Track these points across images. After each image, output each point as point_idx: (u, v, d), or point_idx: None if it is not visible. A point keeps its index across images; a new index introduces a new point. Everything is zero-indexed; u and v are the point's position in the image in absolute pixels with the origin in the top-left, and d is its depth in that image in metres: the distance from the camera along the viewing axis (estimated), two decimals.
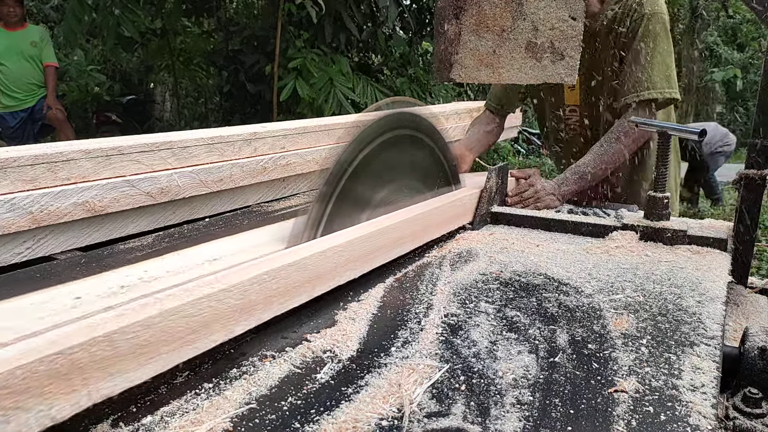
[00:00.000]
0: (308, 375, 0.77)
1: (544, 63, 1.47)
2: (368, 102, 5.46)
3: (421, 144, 1.36)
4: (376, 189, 1.25)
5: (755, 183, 1.35)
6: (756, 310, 1.35)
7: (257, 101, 6.45)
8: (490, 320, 0.95)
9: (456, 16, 1.53)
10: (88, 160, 1.37)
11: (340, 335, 0.88)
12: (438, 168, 1.45)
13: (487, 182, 1.54)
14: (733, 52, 17.38)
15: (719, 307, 1.00)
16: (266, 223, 1.64)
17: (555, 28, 1.44)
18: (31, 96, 5.50)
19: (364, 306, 1.00)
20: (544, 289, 1.09)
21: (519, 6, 1.46)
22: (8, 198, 1.22)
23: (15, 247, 1.28)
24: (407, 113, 1.29)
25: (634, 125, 1.54)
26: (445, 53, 1.57)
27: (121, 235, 1.49)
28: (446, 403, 0.71)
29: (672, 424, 0.66)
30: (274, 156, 1.88)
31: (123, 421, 0.67)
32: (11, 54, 5.29)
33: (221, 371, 0.78)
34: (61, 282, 0.88)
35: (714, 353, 0.83)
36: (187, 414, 0.68)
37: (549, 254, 1.31)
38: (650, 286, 1.11)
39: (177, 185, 1.57)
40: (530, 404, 0.71)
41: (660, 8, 1.75)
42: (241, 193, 1.83)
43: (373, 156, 1.18)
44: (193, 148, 1.62)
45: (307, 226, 1.08)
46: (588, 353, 0.84)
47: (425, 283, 1.12)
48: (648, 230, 1.39)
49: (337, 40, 5.77)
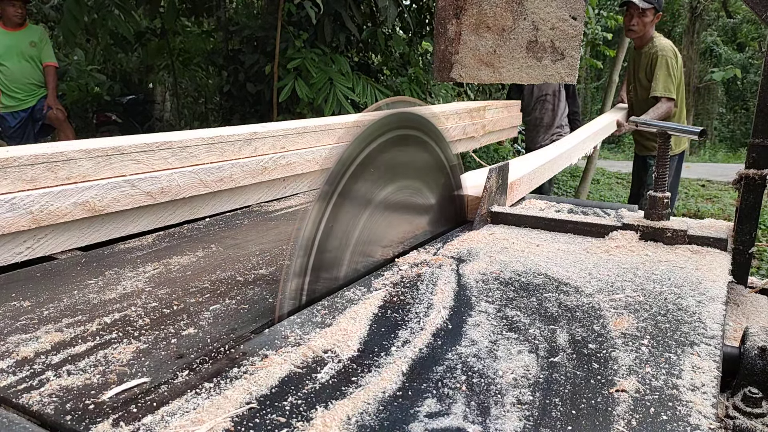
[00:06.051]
0: (309, 375, 0.77)
1: (545, 62, 1.47)
2: (368, 102, 5.46)
3: (423, 144, 1.36)
4: (378, 187, 1.25)
5: (755, 183, 1.36)
6: (756, 310, 1.35)
7: (257, 101, 6.45)
8: (491, 320, 0.95)
9: (456, 15, 1.53)
10: (88, 159, 1.37)
11: (341, 335, 0.88)
12: (439, 168, 1.45)
13: (487, 182, 1.54)
14: (734, 52, 17.38)
15: (719, 307, 1.00)
16: (266, 222, 1.65)
17: (555, 28, 1.44)
18: (32, 96, 5.50)
19: (364, 306, 1.00)
20: (545, 289, 1.09)
21: (519, 5, 1.46)
22: (8, 198, 1.22)
23: (15, 247, 1.28)
24: (409, 113, 1.29)
25: (635, 124, 1.54)
26: (446, 53, 1.57)
27: (121, 235, 1.49)
28: (446, 403, 0.71)
29: (672, 423, 0.66)
30: (274, 156, 1.88)
31: (123, 420, 0.67)
32: (11, 54, 5.30)
33: (222, 370, 0.78)
34: (62, 282, 0.88)
35: (714, 353, 0.83)
36: (188, 413, 0.68)
37: (549, 254, 1.31)
38: (650, 286, 1.11)
39: (177, 185, 1.57)
40: (530, 404, 0.71)
41: (666, 52, 4.17)
42: (241, 192, 1.83)
43: (375, 155, 1.18)
44: (193, 148, 1.62)
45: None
46: (588, 353, 0.84)
47: (425, 282, 1.12)
48: (648, 230, 1.39)
49: (337, 40, 5.76)
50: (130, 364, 0.81)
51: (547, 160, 2.25)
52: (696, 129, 1.39)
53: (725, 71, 10.83)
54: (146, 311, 1.00)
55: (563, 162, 2.67)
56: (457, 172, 1.53)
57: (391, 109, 1.21)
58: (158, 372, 0.79)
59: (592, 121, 4.09)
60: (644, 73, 4.33)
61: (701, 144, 15.00)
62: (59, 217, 1.31)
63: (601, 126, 3.85)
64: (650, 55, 4.25)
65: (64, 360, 0.82)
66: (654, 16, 4.24)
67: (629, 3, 4.20)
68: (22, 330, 0.93)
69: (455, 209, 1.57)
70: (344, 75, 5.42)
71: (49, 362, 0.82)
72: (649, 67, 4.26)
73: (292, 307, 0.99)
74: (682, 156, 4.55)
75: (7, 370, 0.79)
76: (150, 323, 0.95)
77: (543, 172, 2.18)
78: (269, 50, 5.79)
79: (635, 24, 4.24)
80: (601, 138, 4.04)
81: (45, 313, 0.99)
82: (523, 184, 1.88)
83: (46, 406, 0.70)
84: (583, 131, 3.48)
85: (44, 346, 0.87)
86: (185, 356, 0.83)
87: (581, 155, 3.28)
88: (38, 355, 0.84)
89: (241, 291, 1.11)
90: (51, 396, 0.73)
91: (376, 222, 1.21)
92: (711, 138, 16.75)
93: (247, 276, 1.19)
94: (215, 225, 1.62)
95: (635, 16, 4.23)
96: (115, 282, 1.15)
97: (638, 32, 4.28)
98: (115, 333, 0.91)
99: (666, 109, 4.14)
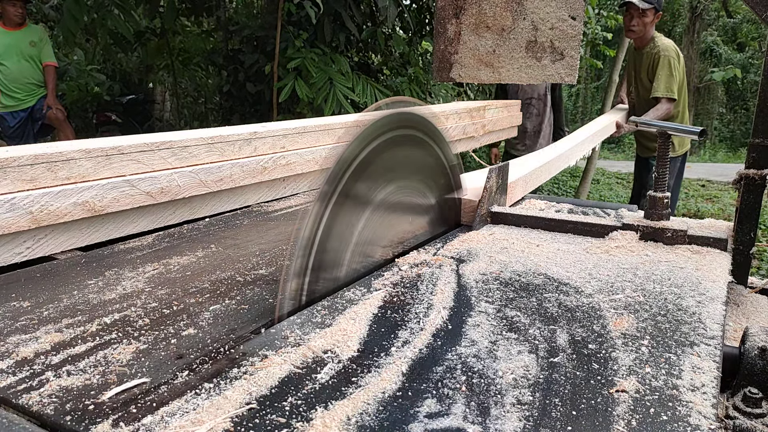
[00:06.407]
0: (308, 375, 0.77)
1: (544, 62, 1.47)
2: (368, 102, 5.45)
3: (423, 144, 1.36)
4: (377, 188, 1.25)
5: (755, 183, 1.36)
6: (756, 310, 1.35)
7: (257, 101, 6.45)
8: (490, 320, 0.95)
9: (456, 15, 1.53)
10: (88, 159, 1.37)
11: (341, 335, 0.88)
12: (439, 168, 1.45)
13: (487, 182, 1.54)
14: (734, 52, 17.39)
15: (719, 307, 1.00)
16: (266, 222, 1.65)
17: (555, 28, 1.44)
18: (31, 96, 5.51)
19: (364, 306, 1.00)
20: (544, 289, 1.09)
21: (519, 5, 1.46)
22: (8, 198, 1.22)
23: (15, 247, 1.28)
24: (408, 113, 1.29)
25: (635, 124, 1.54)
26: (445, 53, 1.57)
27: (120, 235, 1.49)
28: (446, 403, 0.71)
29: (672, 423, 0.66)
30: (274, 156, 1.88)
31: (123, 421, 0.67)
32: (11, 54, 5.30)
33: (221, 371, 0.78)
34: (62, 282, 0.88)
35: (714, 353, 0.83)
36: (188, 414, 0.68)
37: (549, 254, 1.31)
38: (650, 286, 1.11)
39: (177, 185, 1.57)
40: (530, 404, 0.71)
41: (669, 52, 4.18)
42: (241, 192, 1.83)
43: (376, 154, 1.18)
44: (193, 148, 1.62)
45: None
46: (588, 353, 0.84)
47: (425, 283, 1.12)
48: (648, 230, 1.39)
49: (337, 40, 5.76)
50: (130, 365, 0.81)
51: (544, 162, 2.24)
52: (696, 129, 1.39)
53: (725, 71, 10.83)
54: (146, 311, 1.00)
55: (561, 164, 2.64)
56: (456, 172, 1.53)
57: (391, 109, 1.21)
58: (158, 372, 0.79)
59: (591, 122, 4.06)
60: (646, 74, 4.30)
61: (701, 144, 15.01)
62: (59, 217, 1.31)
63: (600, 127, 3.82)
64: (652, 56, 4.22)
65: (63, 360, 0.82)
66: (654, 16, 4.22)
67: (629, 3, 4.19)
68: (22, 330, 0.93)
69: (451, 211, 1.57)
70: (344, 75, 5.42)
71: (49, 363, 0.82)
72: (651, 67, 4.23)
73: (292, 307, 0.99)
74: (684, 158, 4.53)
75: (7, 370, 0.79)
76: (150, 323, 0.95)
77: (540, 174, 2.16)
78: (269, 50, 5.79)
79: (635, 24, 4.22)
80: (600, 139, 4.00)
81: (45, 314, 0.99)
82: (518, 187, 1.87)
83: (46, 407, 0.70)
84: (582, 132, 3.45)
85: (44, 346, 0.87)
86: (185, 356, 0.83)
87: (579, 157, 3.26)
88: (38, 356, 0.84)
89: (241, 291, 1.11)
90: (51, 396, 0.73)
91: (376, 222, 1.21)
92: (711, 138, 16.76)
93: (246, 276, 1.19)
94: (215, 225, 1.62)
95: (635, 17, 4.21)
96: (114, 282, 1.15)
97: (639, 33, 4.26)
98: (114, 333, 0.91)
99: (666, 110, 4.12)
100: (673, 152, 4.31)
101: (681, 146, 4.40)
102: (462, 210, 1.57)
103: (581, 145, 3.11)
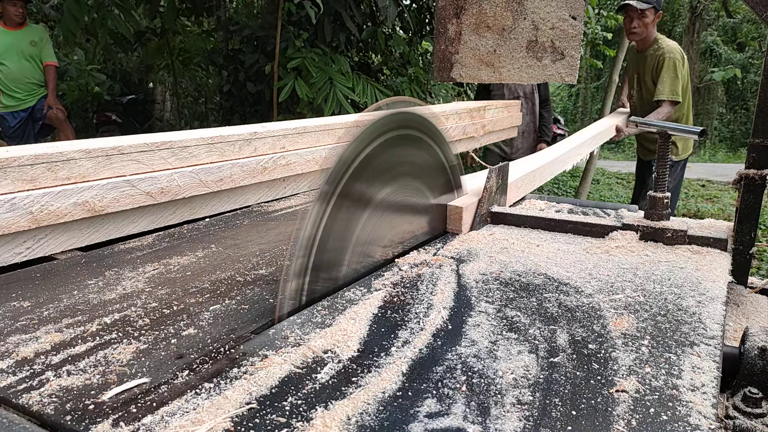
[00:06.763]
0: (308, 375, 0.77)
1: (545, 62, 1.47)
2: (368, 102, 5.45)
3: (423, 144, 1.36)
4: (377, 188, 1.25)
5: (755, 183, 1.36)
6: (756, 310, 1.35)
7: (257, 101, 6.45)
8: (490, 320, 0.95)
9: (456, 15, 1.53)
10: (88, 159, 1.37)
11: (341, 335, 0.88)
12: (439, 168, 1.45)
13: (487, 182, 1.54)
14: (734, 52, 17.38)
15: (719, 307, 1.00)
16: (266, 222, 1.65)
17: (555, 28, 1.44)
18: (32, 96, 5.51)
19: (364, 306, 1.00)
20: (544, 289, 1.09)
21: (519, 5, 1.46)
22: (8, 198, 1.22)
23: (15, 247, 1.28)
24: (409, 113, 1.29)
25: (635, 124, 1.54)
26: (446, 53, 1.57)
27: (121, 235, 1.49)
28: (446, 403, 0.71)
29: (672, 423, 0.66)
30: (274, 156, 1.88)
31: (123, 420, 0.67)
32: (11, 53, 5.30)
33: (222, 371, 0.78)
34: (62, 282, 0.88)
35: (714, 353, 0.83)
36: (188, 414, 0.68)
37: (549, 254, 1.31)
38: (650, 286, 1.11)
39: (177, 185, 1.57)
40: (530, 404, 0.71)
41: (674, 54, 4.11)
42: (241, 193, 1.83)
43: (376, 154, 1.18)
44: (193, 148, 1.62)
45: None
46: (588, 353, 0.84)
47: (425, 283, 1.12)
48: (648, 230, 1.39)
49: (337, 40, 5.76)
50: (130, 365, 0.81)
51: (539, 165, 2.19)
52: (696, 129, 1.39)
53: (725, 71, 10.83)
54: (146, 311, 1.00)
55: (557, 168, 2.54)
56: (457, 173, 1.53)
57: (391, 109, 1.21)
58: (158, 372, 0.79)
59: (590, 125, 4.02)
60: (650, 76, 4.22)
61: (701, 144, 15.00)
62: (59, 217, 1.31)
63: (600, 130, 3.75)
64: (656, 57, 4.14)
65: (63, 360, 0.82)
66: (654, 16, 4.17)
67: (627, 5, 4.14)
68: (22, 330, 0.93)
69: (442, 216, 1.52)
70: (344, 75, 5.42)
71: (49, 362, 0.82)
72: (655, 69, 4.15)
73: (292, 307, 0.99)
74: (686, 161, 4.49)
75: (7, 370, 0.79)
76: (150, 323, 0.95)
77: (534, 178, 2.11)
78: (269, 50, 5.80)
79: (636, 26, 4.14)
80: (599, 143, 3.91)
81: (45, 314, 0.99)
82: (511, 191, 1.84)
83: (46, 407, 0.70)
84: (581, 135, 3.41)
85: (44, 346, 0.87)
86: (185, 356, 0.83)
87: (577, 161, 3.19)
88: (38, 356, 0.84)
89: (241, 291, 1.11)
90: (51, 396, 0.73)
91: (376, 222, 1.21)
92: (711, 138, 16.75)
93: (246, 276, 1.19)
94: (215, 225, 1.62)
95: (635, 18, 4.14)
96: (114, 282, 1.15)
97: (640, 34, 4.18)
98: (115, 333, 0.91)
99: (667, 113, 4.06)
100: (677, 156, 4.28)
101: (684, 150, 4.35)
102: (448, 217, 1.49)
103: (579, 149, 3.06)
